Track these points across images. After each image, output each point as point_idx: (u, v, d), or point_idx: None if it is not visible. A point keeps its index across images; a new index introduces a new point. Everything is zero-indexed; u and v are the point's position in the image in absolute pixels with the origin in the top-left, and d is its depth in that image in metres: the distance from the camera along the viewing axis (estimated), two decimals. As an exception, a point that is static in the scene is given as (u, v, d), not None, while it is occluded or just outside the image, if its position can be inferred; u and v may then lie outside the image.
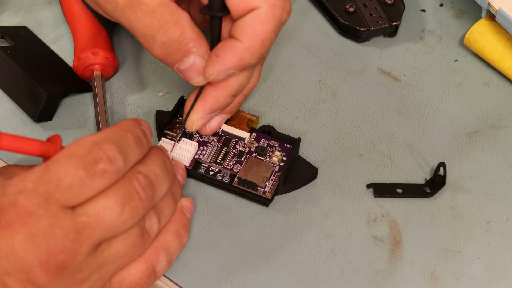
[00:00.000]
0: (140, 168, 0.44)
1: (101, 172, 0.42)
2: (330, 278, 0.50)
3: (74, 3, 0.59)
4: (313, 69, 0.61)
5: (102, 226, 0.42)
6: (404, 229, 0.52)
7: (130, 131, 0.44)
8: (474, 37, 0.61)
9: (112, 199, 0.42)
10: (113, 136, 0.43)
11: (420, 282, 0.50)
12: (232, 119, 0.55)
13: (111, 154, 0.42)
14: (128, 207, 0.43)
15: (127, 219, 0.43)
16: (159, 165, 0.45)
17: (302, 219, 0.52)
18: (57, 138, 0.45)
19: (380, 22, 0.62)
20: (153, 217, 0.46)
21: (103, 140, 0.43)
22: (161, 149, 0.47)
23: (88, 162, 0.42)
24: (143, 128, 0.46)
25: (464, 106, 0.59)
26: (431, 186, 0.54)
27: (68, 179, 0.41)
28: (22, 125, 0.57)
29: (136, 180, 0.43)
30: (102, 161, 0.42)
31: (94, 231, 0.42)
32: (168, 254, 0.47)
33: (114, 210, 0.42)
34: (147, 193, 0.44)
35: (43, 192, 0.41)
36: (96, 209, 0.42)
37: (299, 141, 0.54)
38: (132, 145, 0.44)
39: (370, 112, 0.59)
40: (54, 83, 0.57)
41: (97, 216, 0.42)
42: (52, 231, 0.41)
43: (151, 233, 0.46)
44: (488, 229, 0.53)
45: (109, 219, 0.42)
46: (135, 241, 0.44)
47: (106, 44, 0.58)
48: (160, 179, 0.45)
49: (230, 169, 0.53)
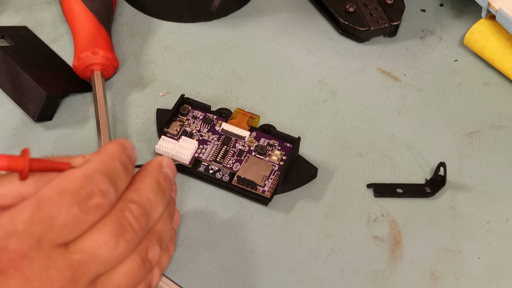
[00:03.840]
0: (132, 196, 0.43)
1: (95, 207, 0.40)
2: (330, 278, 0.50)
3: (74, 3, 0.59)
4: (313, 69, 0.61)
5: (97, 262, 0.41)
6: (404, 229, 0.52)
7: (117, 158, 0.43)
8: (474, 37, 0.61)
9: (106, 234, 0.41)
10: (103, 166, 0.42)
11: (420, 282, 0.50)
12: (233, 118, 0.55)
13: (104, 187, 0.41)
14: (122, 240, 0.41)
15: (123, 251, 0.42)
16: (152, 189, 0.44)
17: (302, 219, 0.52)
18: (25, 152, 0.43)
19: (380, 22, 0.62)
20: (156, 247, 0.44)
21: (94, 173, 0.41)
22: (156, 167, 0.45)
23: (81, 198, 0.40)
24: (128, 153, 0.44)
25: (464, 106, 0.59)
26: (431, 186, 0.54)
27: (62, 218, 0.40)
28: (22, 125, 0.57)
29: (129, 211, 0.42)
30: (95, 195, 0.40)
31: (90, 268, 0.40)
32: (161, 270, 0.47)
33: (109, 245, 0.41)
34: (141, 223, 0.42)
35: (36, 233, 0.39)
36: (90, 246, 0.40)
37: (299, 140, 0.54)
38: (121, 174, 0.42)
39: (370, 112, 0.59)
40: (54, 83, 0.56)
41: (92, 252, 0.40)
42: (47, 273, 0.39)
43: (153, 262, 0.44)
44: (488, 229, 0.53)
45: (104, 254, 0.41)
46: (136, 274, 0.43)
47: (106, 44, 0.58)
48: (154, 204, 0.43)
49: (229, 167, 0.53)
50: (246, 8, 0.65)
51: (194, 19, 0.64)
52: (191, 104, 0.56)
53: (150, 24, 0.63)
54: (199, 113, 0.56)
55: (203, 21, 0.64)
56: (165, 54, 0.61)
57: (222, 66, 0.61)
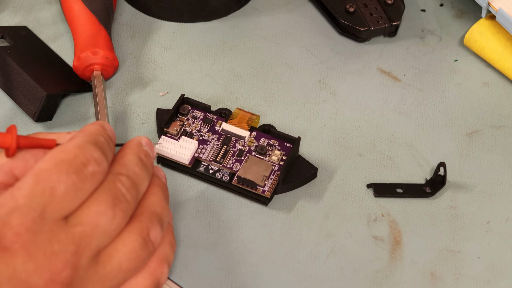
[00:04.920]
0: (121, 170, 0.44)
1: (91, 175, 0.41)
2: (330, 278, 0.50)
3: (74, 3, 0.59)
4: (313, 69, 0.61)
5: (98, 233, 0.41)
6: (404, 229, 0.52)
7: (101, 134, 0.44)
8: (474, 37, 0.61)
9: (103, 204, 0.41)
10: (91, 139, 0.43)
11: (420, 282, 0.50)
12: (233, 118, 0.55)
13: (97, 156, 0.42)
14: (118, 210, 0.42)
15: (120, 221, 0.42)
16: (137, 163, 0.45)
17: (302, 219, 0.52)
18: (12, 128, 0.43)
19: (380, 22, 0.62)
20: (157, 227, 0.45)
21: (85, 143, 0.42)
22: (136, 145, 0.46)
23: (78, 166, 0.41)
24: (108, 132, 0.45)
25: (464, 106, 0.59)
26: (431, 186, 0.54)
27: (62, 187, 0.40)
28: (22, 125, 0.57)
29: (120, 183, 0.43)
30: (90, 163, 0.41)
31: (91, 240, 0.41)
32: (169, 265, 0.47)
33: (107, 215, 0.41)
34: (132, 194, 0.43)
35: (38, 205, 0.40)
36: (90, 216, 0.41)
37: (299, 140, 0.54)
38: (107, 147, 0.44)
39: (370, 112, 0.59)
40: (54, 83, 0.56)
41: (92, 223, 0.41)
42: (51, 247, 0.39)
43: (155, 243, 0.45)
44: (488, 229, 0.53)
45: (104, 224, 0.41)
46: (138, 254, 0.43)
47: (106, 44, 0.58)
48: (141, 177, 0.45)
49: (229, 167, 0.53)
50: (246, 8, 0.65)
51: (194, 19, 0.64)
52: (191, 104, 0.56)
53: (150, 24, 0.63)
54: (199, 113, 0.56)
55: (203, 21, 0.64)
56: (165, 54, 0.61)
57: (222, 66, 0.61)
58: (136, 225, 0.43)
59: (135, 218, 0.44)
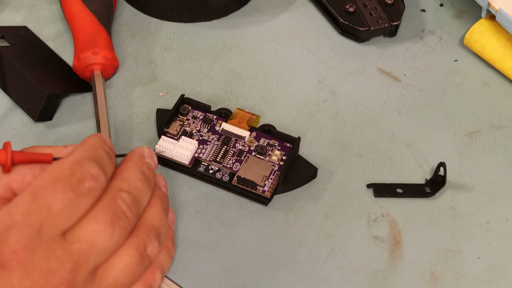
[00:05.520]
0: (122, 185, 0.43)
1: (88, 191, 0.41)
2: (330, 278, 0.50)
3: (74, 3, 0.59)
4: (313, 69, 0.61)
5: (96, 250, 0.41)
6: (404, 229, 0.52)
7: (101, 147, 0.44)
8: (474, 37, 0.61)
9: (102, 222, 0.41)
10: (89, 154, 0.43)
11: (420, 282, 0.50)
12: (233, 118, 0.55)
13: (94, 171, 0.42)
14: (117, 227, 0.42)
15: (119, 239, 0.42)
16: (139, 178, 0.44)
17: (302, 219, 0.52)
18: (7, 145, 0.43)
19: (380, 22, 0.62)
20: (154, 241, 0.44)
21: (82, 159, 0.42)
22: (138, 157, 0.46)
23: (74, 182, 0.41)
24: (108, 144, 0.45)
25: (464, 106, 0.59)
26: (431, 186, 0.54)
27: (58, 204, 0.40)
28: (22, 125, 0.57)
29: (121, 199, 0.43)
30: (87, 179, 0.41)
31: (89, 257, 0.41)
32: (162, 272, 0.47)
33: (106, 233, 0.41)
34: (133, 211, 0.43)
35: (34, 222, 0.40)
36: (88, 234, 0.41)
37: (299, 140, 0.54)
38: (107, 160, 0.43)
39: (370, 112, 0.59)
40: (54, 83, 0.56)
41: (90, 241, 0.41)
42: (48, 264, 0.39)
43: (152, 257, 0.44)
44: (488, 229, 0.53)
45: (102, 242, 0.41)
46: (135, 269, 0.43)
47: (106, 44, 0.58)
48: (142, 192, 0.44)
49: (229, 167, 0.53)
50: (246, 8, 0.65)
51: (194, 19, 0.64)
52: (191, 104, 0.56)
53: (150, 24, 0.63)
54: (199, 113, 0.56)
55: (203, 21, 0.64)
56: (165, 54, 0.61)
57: (222, 66, 0.61)
58: (134, 240, 0.43)
59: (133, 232, 0.44)
